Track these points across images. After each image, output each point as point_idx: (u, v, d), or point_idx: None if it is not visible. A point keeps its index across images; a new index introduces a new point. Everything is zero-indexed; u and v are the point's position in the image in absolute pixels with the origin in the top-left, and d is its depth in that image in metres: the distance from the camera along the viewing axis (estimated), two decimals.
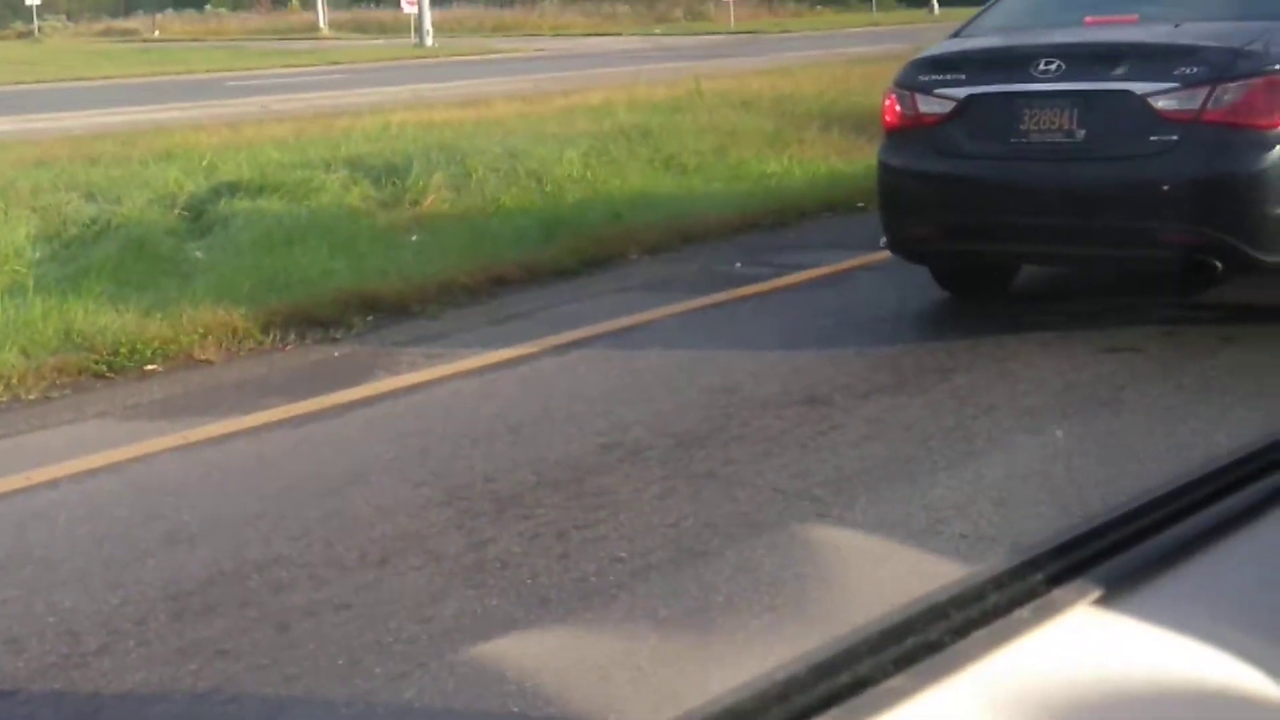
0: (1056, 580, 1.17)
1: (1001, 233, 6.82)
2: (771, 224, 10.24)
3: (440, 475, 5.19)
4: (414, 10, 44.18)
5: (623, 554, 4.38)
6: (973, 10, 7.94)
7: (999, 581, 1.16)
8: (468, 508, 4.83)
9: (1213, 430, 5.31)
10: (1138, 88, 6.30)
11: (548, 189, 11.00)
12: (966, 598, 1.14)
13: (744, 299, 8.07)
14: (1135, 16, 6.97)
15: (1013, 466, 5.01)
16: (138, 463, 5.55)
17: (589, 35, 50.13)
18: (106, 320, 7.12)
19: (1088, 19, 7.08)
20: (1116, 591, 1.18)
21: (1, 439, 5.91)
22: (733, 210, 10.35)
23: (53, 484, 5.29)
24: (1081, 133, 6.47)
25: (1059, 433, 5.23)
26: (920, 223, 7.12)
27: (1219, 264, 6.28)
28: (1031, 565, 1.19)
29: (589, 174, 11.46)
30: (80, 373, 6.68)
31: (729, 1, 52.87)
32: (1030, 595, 1.15)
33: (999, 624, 1.11)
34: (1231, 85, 6.17)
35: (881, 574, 4.29)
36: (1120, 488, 4.75)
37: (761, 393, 6.05)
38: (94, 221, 9.49)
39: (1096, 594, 1.17)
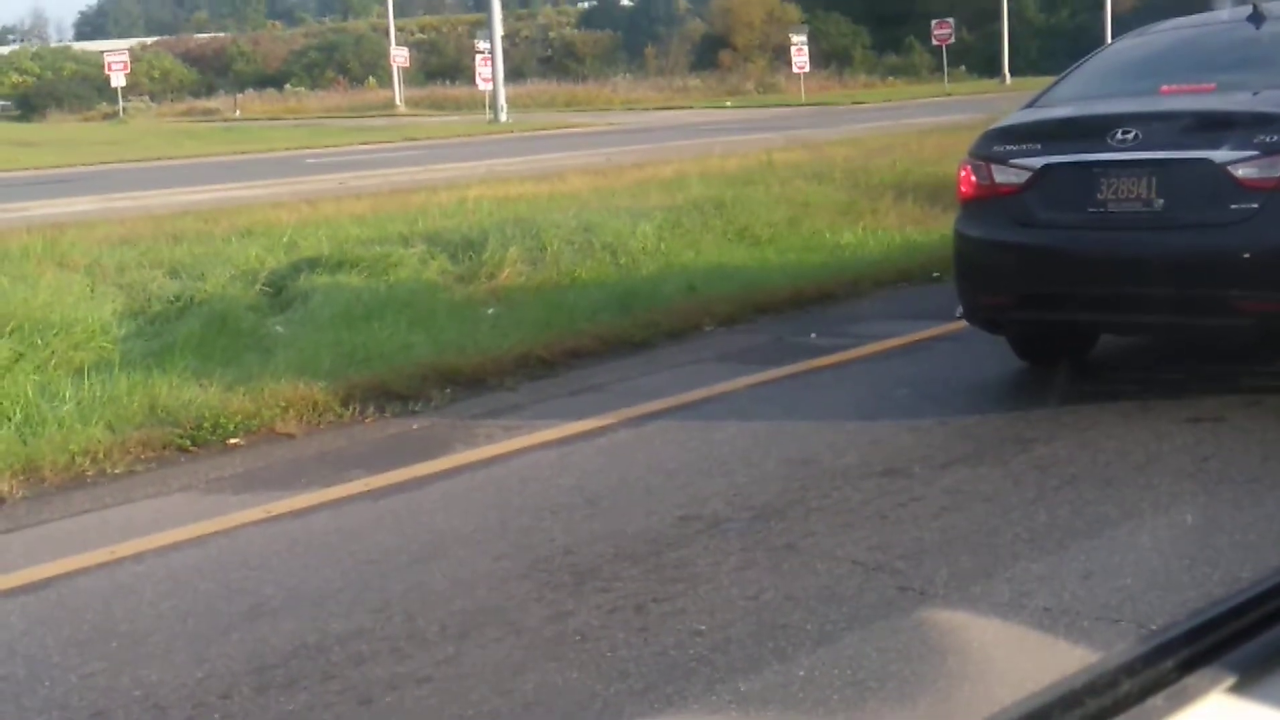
0: (1189, 666, 1.15)
1: (1079, 302, 6.77)
2: (846, 295, 10.23)
3: (519, 548, 5.21)
4: (488, 86, 44.76)
5: (702, 627, 4.36)
6: (1045, 80, 7.94)
7: (1131, 668, 1.15)
8: (547, 580, 4.84)
9: None
10: (1217, 156, 6.26)
11: (622, 261, 11.07)
12: (1100, 685, 1.12)
13: (820, 370, 8.06)
14: (1212, 85, 6.93)
15: (1097, 538, 4.95)
16: (221, 536, 5.61)
17: (661, 109, 50.54)
18: (190, 395, 7.23)
19: (1164, 88, 7.05)
20: (1251, 677, 1.15)
21: (88, 513, 6.00)
22: (807, 281, 10.35)
23: (138, 558, 5.37)
24: (1160, 202, 6.43)
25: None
26: (997, 292, 7.09)
27: None
28: (1162, 651, 1.17)
29: (663, 246, 11.52)
30: (164, 447, 6.78)
31: (800, 74, 53.10)
32: (1163, 683, 1.13)
33: (1134, 712, 1.10)
34: None
35: (967, 648, 4.24)
36: (1207, 560, 4.68)
37: (839, 464, 6.02)
38: (178, 298, 9.66)
39: (1230, 681, 1.15)
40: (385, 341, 8.39)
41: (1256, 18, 7.37)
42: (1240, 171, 6.20)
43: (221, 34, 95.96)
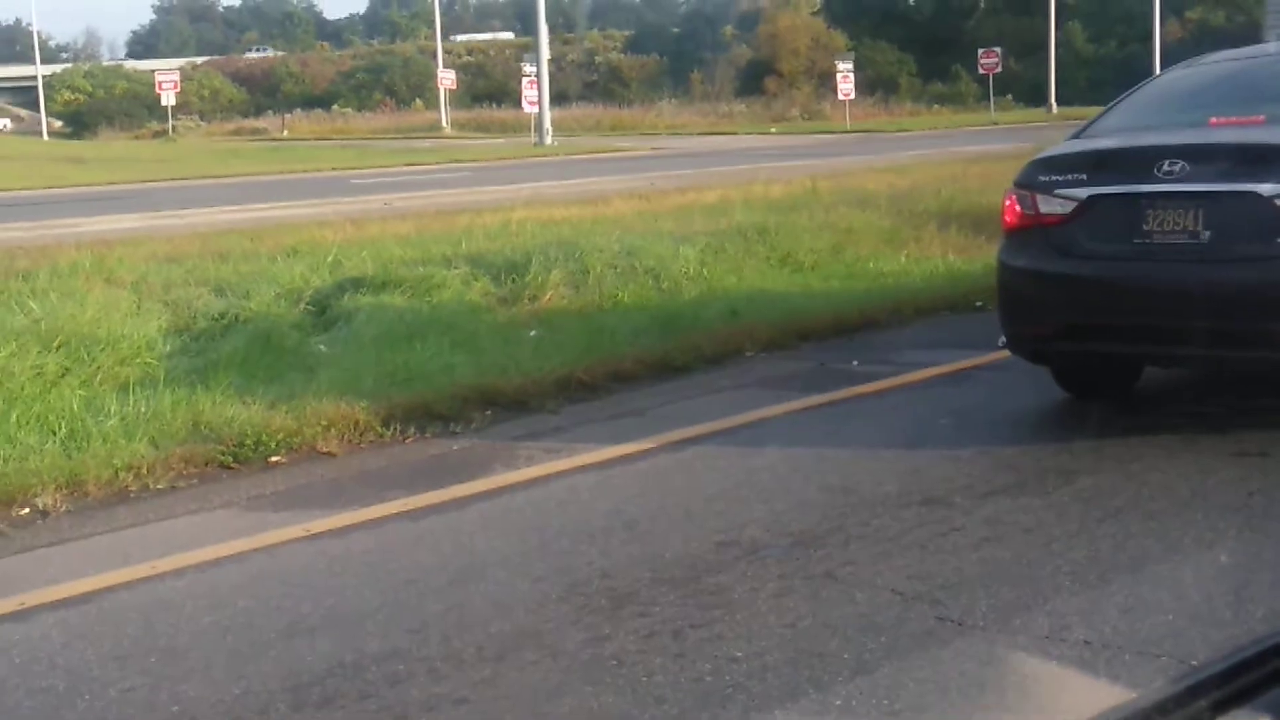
0: (1222, 707, 1.14)
1: (1123, 334, 6.73)
2: (889, 322, 10.21)
3: (557, 571, 5.21)
4: (534, 110, 44.95)
5: (739, 654, 4.35)
6: (1092, 110, 7.91)
7: (1164, 708, 1.13)
8: (584, 604, 4.84)
9: None
10: (1265, 189, 6.21)
11: (665, 286, 11.08)
12: None
13: (861, 397, 8.03)
14: (1261, 117, 6.88)
15: (1139, 573, 4.91)
16: (261, 553, 5.64)
17: (705, 134, 50.64)
18: (233, 412, 7.27)
19: (1212, 120, 7.00)
20: None
21: (130, 528, 6.04)
22: (850, 308, 10.33)
23: (178, 573, 5.40)
24: (1207, 234, 6.39)
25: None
26: (1040, 322, 7.06)
27: None
28: (1196, 690, 1.16)
29: (705, 271, 11.53)
30: (207, 463, 6.83)
31: (845, 101, 53.14)
32: None
33: None
34: None
35: (1004, 680, 4.21)
36: (1251, 596, 4.63)
37: (880, 492, 6.00)
38: (222, 315, 9.74)
39: None
40: (427, 362, 8.43)
41: None
42: None
43: (271, 54, 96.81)
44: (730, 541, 5.42)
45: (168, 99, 53.89)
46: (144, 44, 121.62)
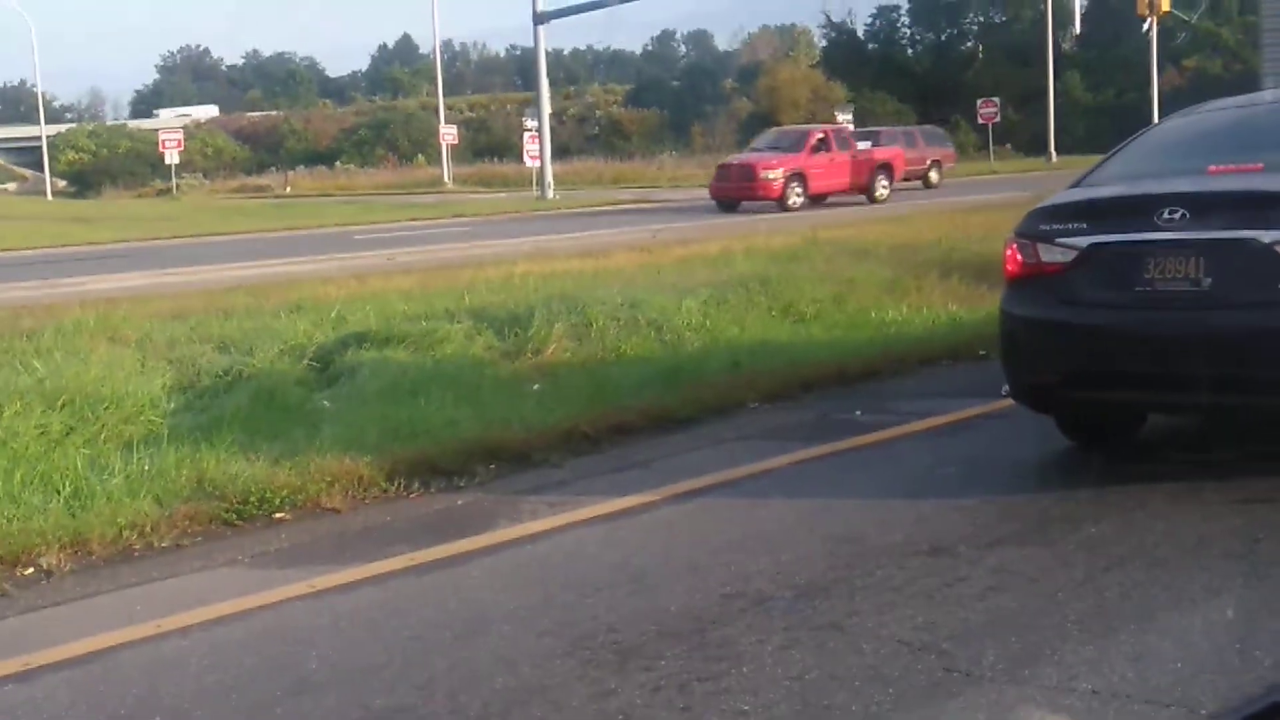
0: None
1: (1126, 381, 6.73)
2: (892, 372, 10.21)
3: (563, 625, 5.19)
4: (536, 164, 45.21)
5: (746, 707, 4.33)
6: (1092, 159, 7.94)
7: None
8: (590, 658, 4.82)
9: None
10: (1265, 236, 6.23)
11: (667, 338, 11.10)
12: None
13: (865, 447, 8.03)
14: (1260, 165, 6.91)
15: (1146, 621, 4.89)
16: (265, 611, 5.63)
17: (706, 186, 50.74)
18: (237, 469, 7.27)
19: (1211, 168, 7.04)
20: None
21: (134, 586, 6.03)
22: (852, 358, 10.34)
23: (183, 632, 5.38)
24: (1208, 281, 6.40)
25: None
26: (1043, 371, 7.06)
27: None
28: None
29: (708, 323, 11.55)
30: (211, 521, 6.82)
31: None
32: None
33: None
34: None
35: None
36: (1259, 644, 4.61)
37: (885, 542, 5.99)
38: (226, 372, 9.75)
39: None
40: (431, 417, 8.43)
41: None
42: None
43: (274, 112, 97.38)
44: (736, 593, 5.41)
45: (171, 157, 54.21)
46: (147, 103, 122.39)
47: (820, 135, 37.19)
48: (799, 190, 34.90)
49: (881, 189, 36.74)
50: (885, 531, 6.15)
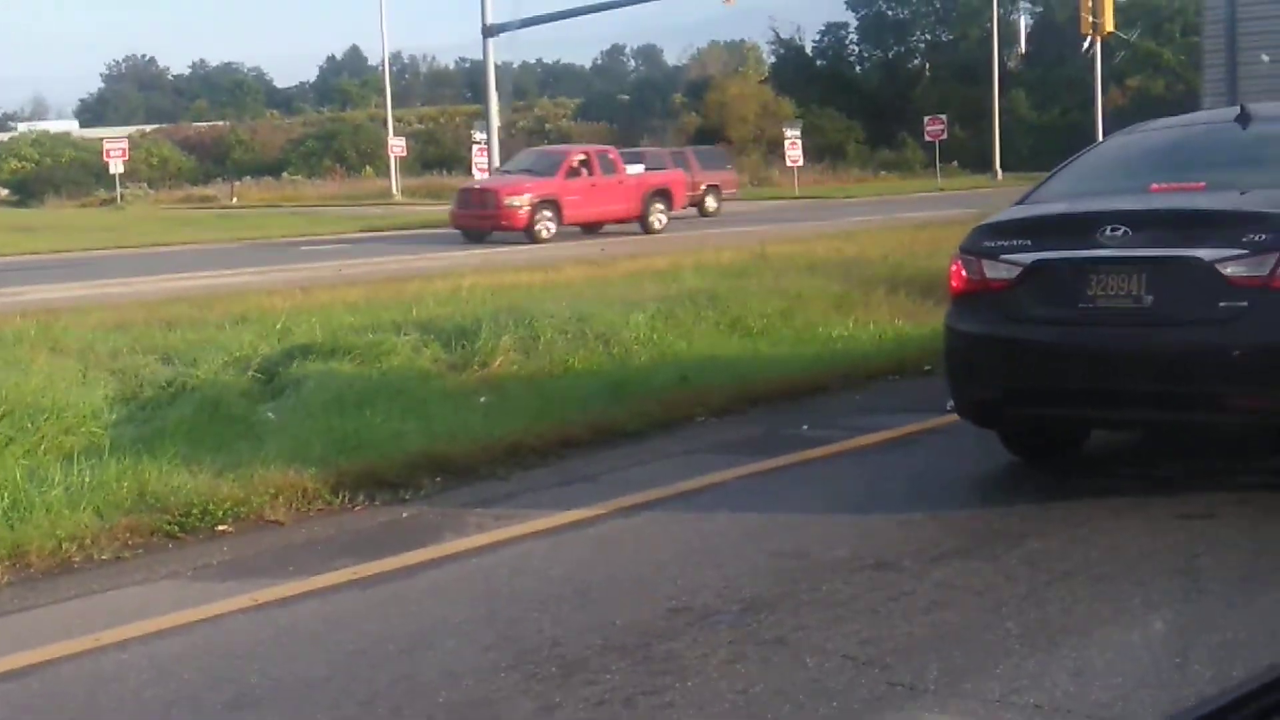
0: None
1: (1069, 397, 6.79)
2: (839, 387, 10.25)
3: (507, 638, 5.17)
4: (484, 176, 45.08)
5: None
6: (1037, 176, 8.01)
7: None
8: (535, 672, 4.80)
9: None
10: (1206, 254, 6.30)
11: (615, 351, 11.09)
12: None
13: (812, 462, 8.05)
14: (1202, 184, 7.00)
15: (1087, 636, 4.92)
16: (206, 624, 5.57)
17: None
18: (180, 481, 7.20)
19: (1154, 186, 7.11)
20: None
21: (74, 599, 5.96)
22: (799, 373, 10.37)
23: (122, 645, 5.32)
24: (1149, 298, 6.47)
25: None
26: (988, 387, 7.11)
27: None
28: None
29: (656, 337, 11.55)
30: (152, 533, 6.75)
31: (793, 167, 53.59)
32: None
33: None
34: None
35: None
36: (1199, 659, 4.65)
37: (831, 557, 6.00)
38: (170, 383, 9.66)
39: None
40: (377, 429, 8.39)
41: (1244, 118, 7.46)
42: (1229, 270, 6.25)
43: (220, 123, 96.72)
44: (682, 608, 5.40)
45: (116, 167, 53.66)
46: (92, 111, 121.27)
47: (581, 157, 32.87)
48: (550, 219, 30.17)
49: (658, 218, 32.55)
50: (831, 546, 6.16)
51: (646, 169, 35.06)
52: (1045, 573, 5.64)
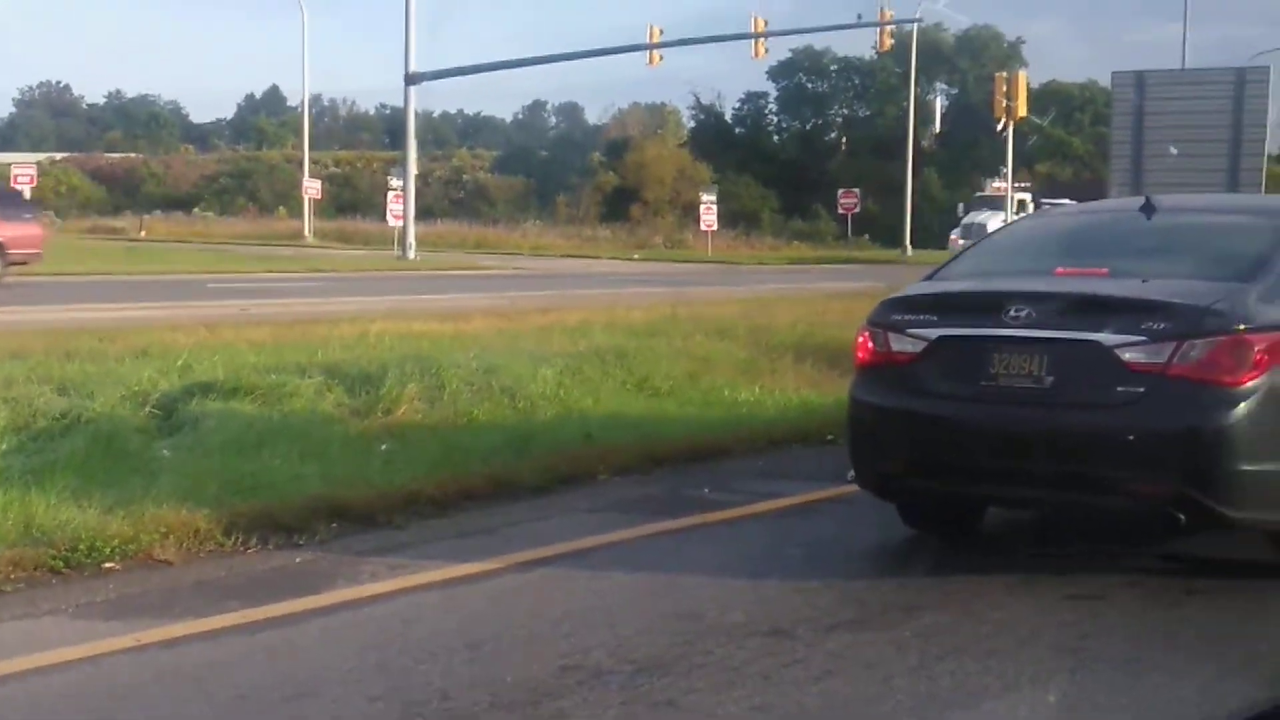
0: None
1: (968, 473, 6.86)
2: (742, 451, 10.28)
3: (396, 690, 5.10)
4: (399, 223, 44.96)
5: None
6: (945, 254, 8.13)
7: None
8: None
9: (1176, 684, 5.28)
10: (1106, 339, 6.42)
11: (520, 405, 11.05)
12: None
13: (712, 525, 8.05)
14: (1105, 270, 7.13)
15: (975, 710, 4.95)
16: (86, 663, 5.44)
17: (569, 256, 50.98)
18: (68, 515, 7.05)
19: (1059, 269, 7.25)
20: None
21: None
22: (704, 436, 10.39)
23: (1, 681, 5.17)
24: (1050, 379, 6.57)
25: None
26: (888, 459, 7.16)
27: (1181, 516, 6.32)
28: None
29: (562, 392, 11.52)
30: (36, 568, 6.58)
31: (708, 231, 54.01)
32: None
33: None
34: (1198, 342, 6.29)
35: None
36: None
37: (726, 621, 6.00)
38: (64, 415, 9.46)
39: None
40: (274, 471, 8.27)
41: (1148, 208, 7.63)
42: (1127, 355, 6.36)
43: (133, 155, 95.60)
44: (574, 666, 5.36)
45: (23, 193, 52.75)
46: (2, 136, 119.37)
47: None
48: None
49: None
50: (727, 610, 6.16)
51: None
52: (937, 646, 5.67)
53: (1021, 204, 51.81)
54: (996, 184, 57.85)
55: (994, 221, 49.21)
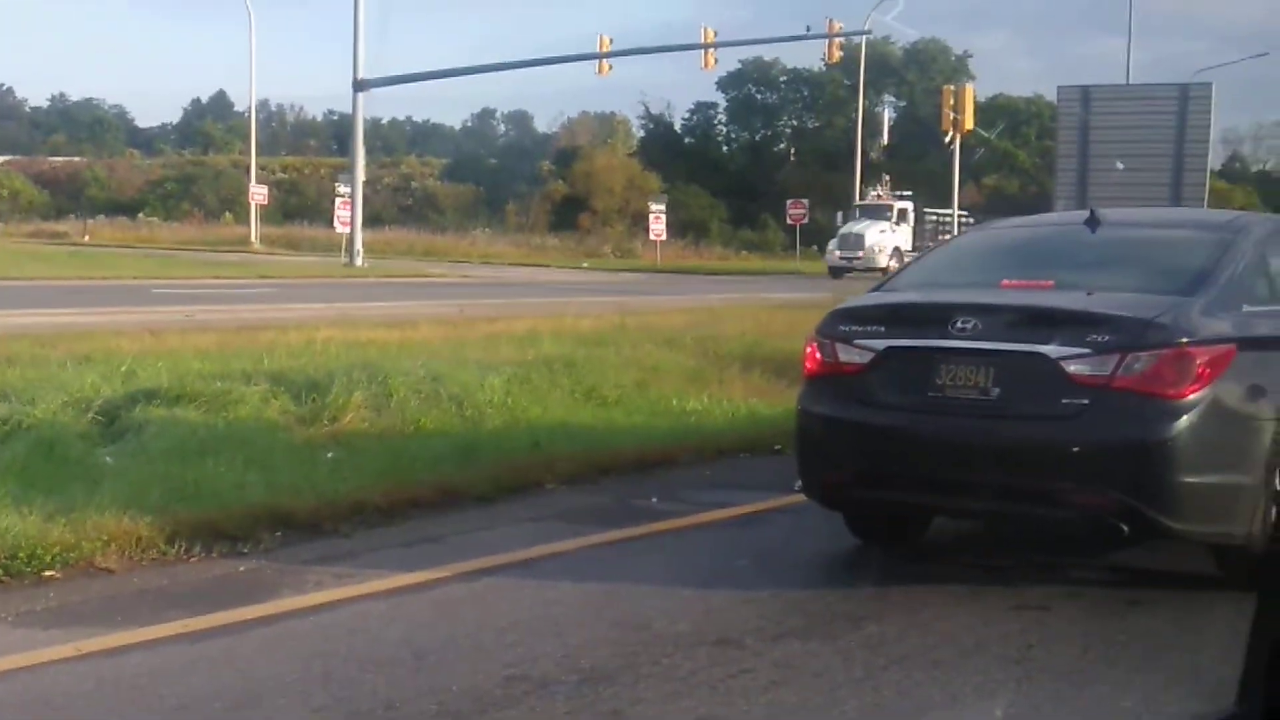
0: None
1: (914, 484, 6.89)
2: (690, 461, 10.28)
3: (339, 700, 5.06)
4: (346, 230, 44.75)
5: None
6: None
7: None
8: None
9: (1120, 695, 5.32)
10: (1051, 351, 6.46)
11: (468, 413, 11.00)
12: None
13: (659, 534, 8.05)
14: (1051, 282, 7.19)
15: (921, 719, 4.97)
16: (25, 672, 5.37)
17: (518, 265, 50.94)
18: (8, 523, 6.95)
19: (1004, 281, 7.30)
20: None
21: None
22: (652, 445, 10.39)
23: None
24: (995, 390, 6.61)
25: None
26: (835, 469, 7.18)
27: (1125, 527, 6.37)
28: None
29: (510, 401, 11.49)
30: None
31: (657, 241, 54.09)
32: None
33: None
34: (1142, 355, 6.35)
35: None
36: None
37: (673, 631, 5.99)
38: (4, 422, 9.33)
39: None
40: (218, 479, 8.20)
41: (1093, 222, 7.69)
42: (1072, 367, 6.41)
43: (77, 158, 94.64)
44: (520, 675, 5.34)
45: None
46: None
47: None
48: None
49: None
50: (673, 620, 6.15)
51: None
52: (883, 656, 5.69)
53: (901, 213, 52.19)
54: (877, 192, 58.25)
55: (872, 232, 49.59)
